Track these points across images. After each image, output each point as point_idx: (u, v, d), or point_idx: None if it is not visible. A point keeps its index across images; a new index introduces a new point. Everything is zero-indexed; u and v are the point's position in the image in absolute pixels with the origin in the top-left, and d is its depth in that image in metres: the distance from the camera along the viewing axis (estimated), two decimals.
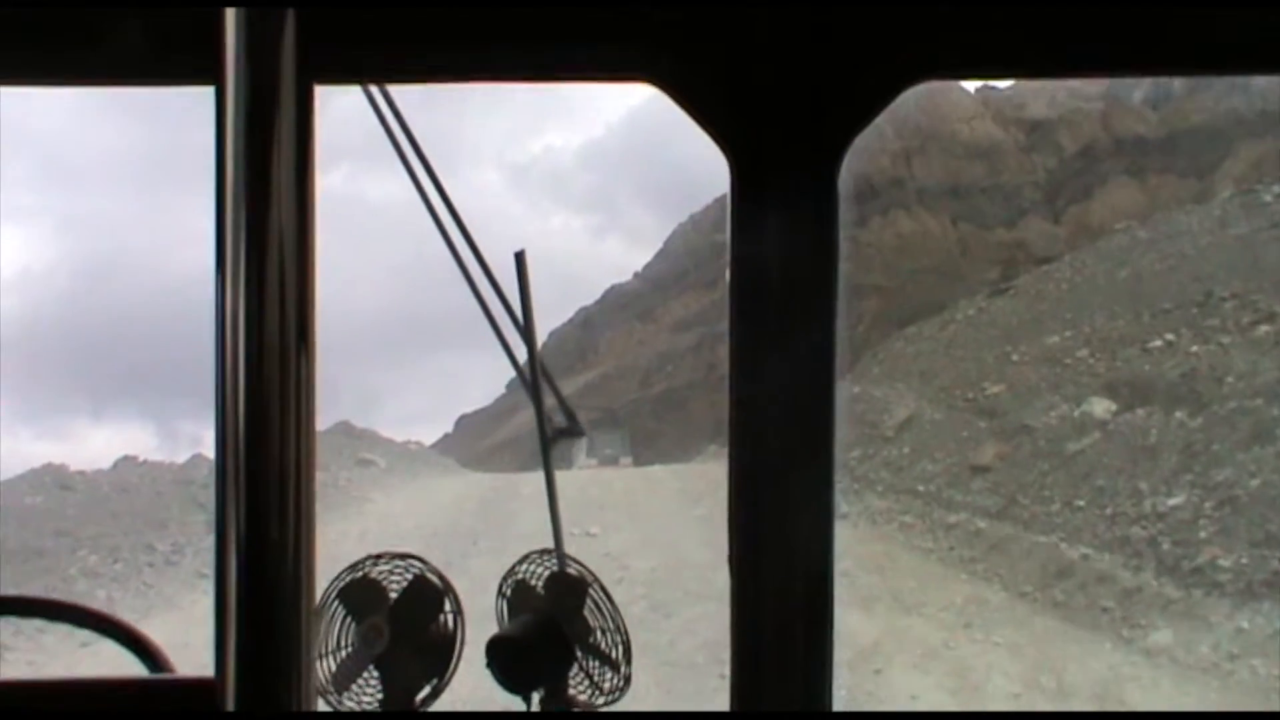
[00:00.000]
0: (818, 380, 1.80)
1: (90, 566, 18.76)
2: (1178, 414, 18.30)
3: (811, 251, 1.79)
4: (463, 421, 77.14)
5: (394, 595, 2.13)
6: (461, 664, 2.15)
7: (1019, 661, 12.86)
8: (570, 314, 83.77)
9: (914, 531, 18.79)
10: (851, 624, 14.13)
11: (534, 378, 2.13)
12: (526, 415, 2.21)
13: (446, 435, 71.94)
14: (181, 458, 26.80)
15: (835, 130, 1.80)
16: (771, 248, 1.79)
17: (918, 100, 65.89)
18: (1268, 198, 32.23)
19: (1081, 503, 17.10)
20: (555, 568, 2.18)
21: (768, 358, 1.80)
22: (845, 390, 27.72)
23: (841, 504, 20.67)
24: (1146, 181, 63.48)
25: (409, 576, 2.13)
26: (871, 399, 26.87)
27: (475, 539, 19.39)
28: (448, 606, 2.12)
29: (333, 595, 2.12)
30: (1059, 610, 14.34)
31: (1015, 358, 27.36)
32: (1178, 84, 66.03)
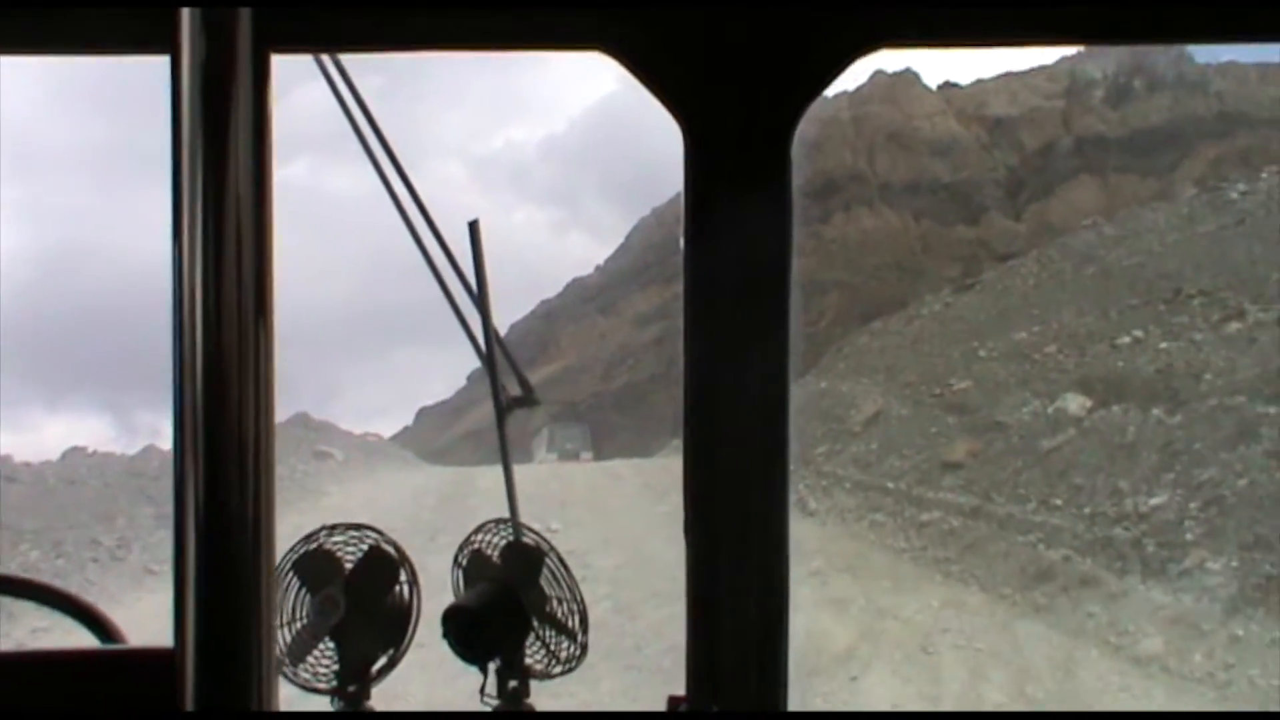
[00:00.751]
0: (774, 350, 1.78)
1: (31, 562, 17.98)
2: (1155, 411, 17.76)
3: (766, 218, 1.78)
4: (423, 414, 76.33)
5: (349, 566, 2.06)
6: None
7: (1003, 669, 12.22)
8: (532, 306, 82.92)
9: (885, 530, 18.09)
10: (825, 626, 13.49)
11: (489, 346, 2.11)
12: (487, 408, 2.12)
13: (406, 428, 71.22)
14: (135, 449, 26.44)
15: (788, 97, 1.79)
16: (726, 216, 1.79)
17: (880, 96, 65.81)
18: (1234, 195, 32.47)
19: (1059, 501, 16.48)
20: (511, 537, 2.14)
21: (723, 331, 1.79)
22: (811, 385, 27.41)
23: (810, 501, 20.13)
24: (1107, 180, 63.48)
25: (364, 547, 2.08)
26: (838, 394, 26.44)
27: (433, 534, 18.56)
28: (403, 577, 2.07)
29: (287, 567, 2.05)
30: (1042, 615, 13.64)
31: (983, 353, 27.23)
32: (1138, 84, 66.37)
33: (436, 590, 2.08)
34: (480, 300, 2.10)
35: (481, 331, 2.12)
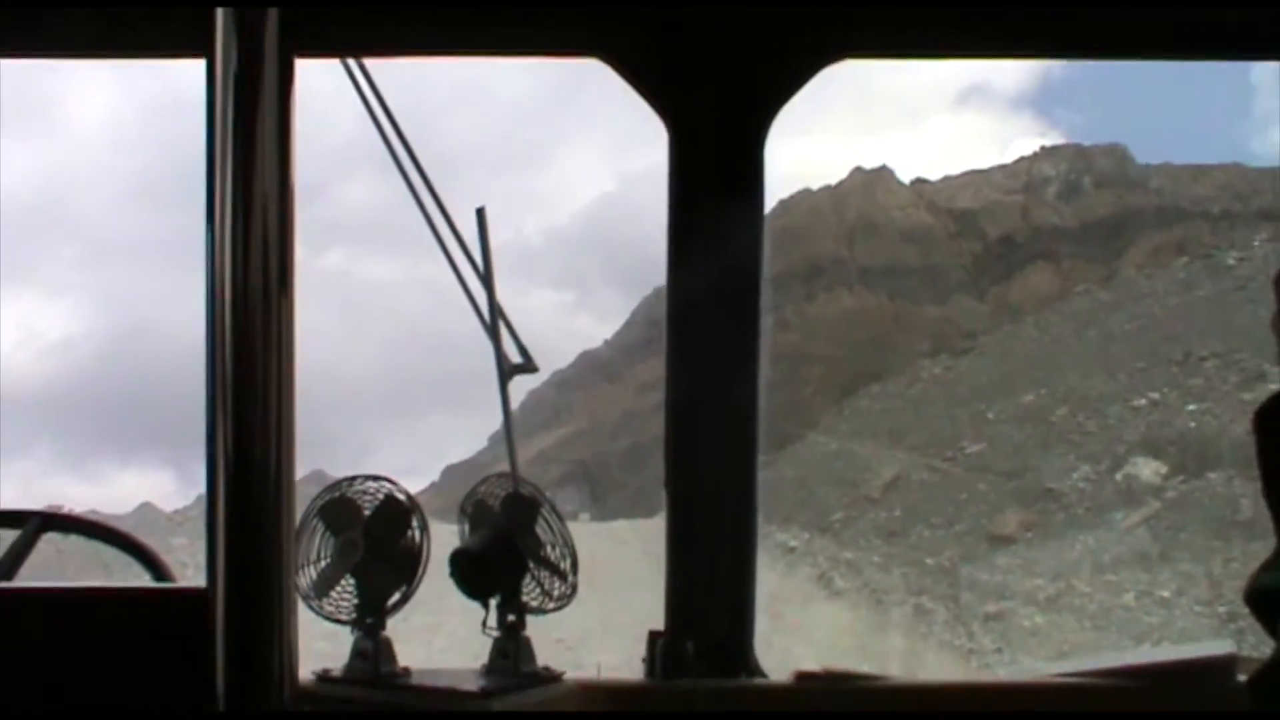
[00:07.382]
0: (748, 333, 1.72)
1: None
2: None
3: (742, 213, 1.74)
4: (449, 472, 70.78)
5: (368, 512, 1.92)
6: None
7: None
8: (546, 376, 77.65)
9: (937, 621, 12.35)
10: None
11: (493, 319, 1.97)
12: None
13: (433, 484, 65.80)
14: (125, 509, 21.44)
15: (762, 102, 1.74)
16: (706, 212, 1.74)
17: (859, 190, 61.34)
18: (1230, 260, 27.93)
19: (1166, 593, 10.80)
20: (511, 489, 1.99)
21: (704, 318, 1.74)
22: (821, 446, 22.14)
23: (835, 578, 14.57)
24: (1060, 265, 58.49)
25: (380, 496, 1.92)
26: (851, 456, 20.99)
27: (406, 613, 12.94)
28: (415, 523, 1.92)
29: (313, 512, 1.91)
30: None
31: (991, 415, 22.06)
32: (1087, 180, 61.95)
33: None
34: (486, 278, 1.92)
35: (486, 305, 1.91)
